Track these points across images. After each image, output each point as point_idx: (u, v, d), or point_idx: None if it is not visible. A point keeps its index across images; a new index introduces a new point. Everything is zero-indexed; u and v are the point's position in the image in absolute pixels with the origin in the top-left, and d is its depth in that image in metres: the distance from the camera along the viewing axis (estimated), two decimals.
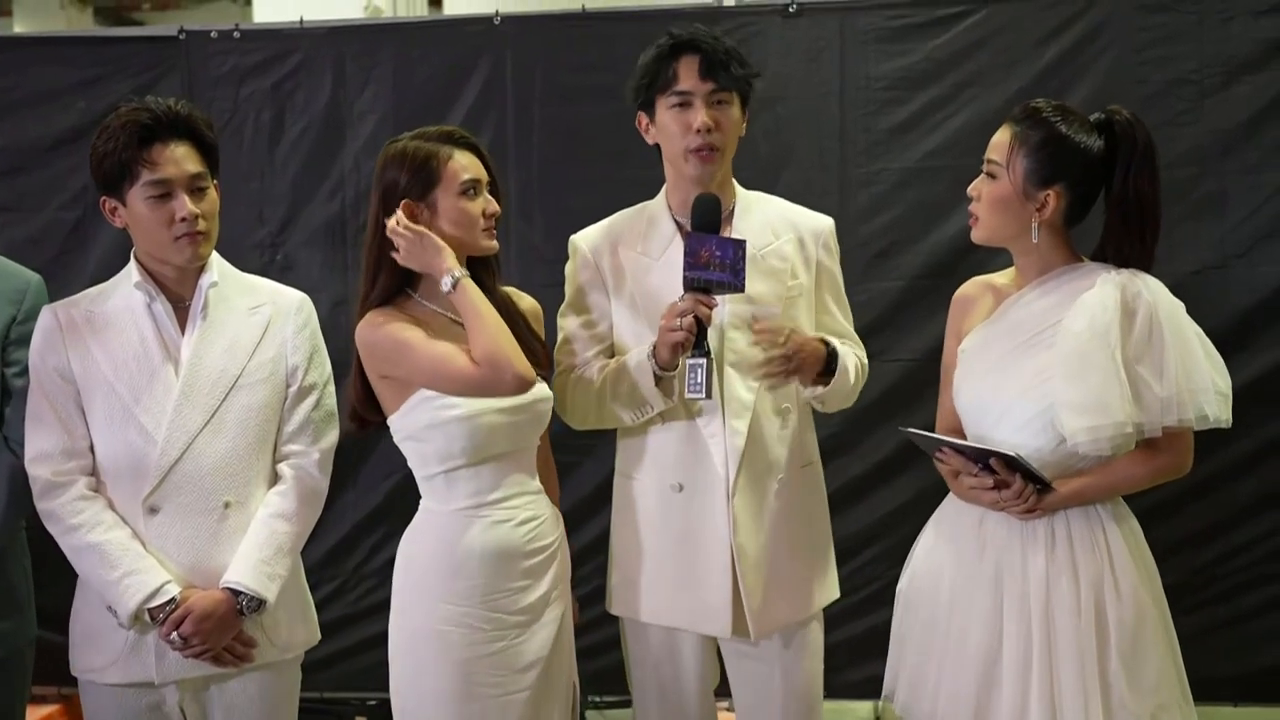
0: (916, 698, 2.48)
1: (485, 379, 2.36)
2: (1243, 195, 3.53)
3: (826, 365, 2.56)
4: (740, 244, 2.46)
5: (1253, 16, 3.49)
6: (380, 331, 2.42)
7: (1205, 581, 3.51)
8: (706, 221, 2.49)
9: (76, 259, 3.85)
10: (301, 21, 3.81)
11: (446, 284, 2.38)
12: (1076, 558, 2.35)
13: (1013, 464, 2.34)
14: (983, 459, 2.37)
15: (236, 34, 3.81)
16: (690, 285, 2.45)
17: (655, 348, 2.51)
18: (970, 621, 2.40)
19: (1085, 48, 3.56)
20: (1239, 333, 3.44)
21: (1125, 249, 2.38)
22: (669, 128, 2.56)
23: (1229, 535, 3.57)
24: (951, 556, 2.47)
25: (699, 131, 2.53)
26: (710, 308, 2.45)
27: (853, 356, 2.65)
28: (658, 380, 2.53)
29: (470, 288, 2.38)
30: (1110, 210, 2.40)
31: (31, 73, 3.85)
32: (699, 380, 2.42)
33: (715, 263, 2.43)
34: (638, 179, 2.83)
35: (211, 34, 3.82)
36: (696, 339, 2.44)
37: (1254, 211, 3.52)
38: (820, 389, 2.57)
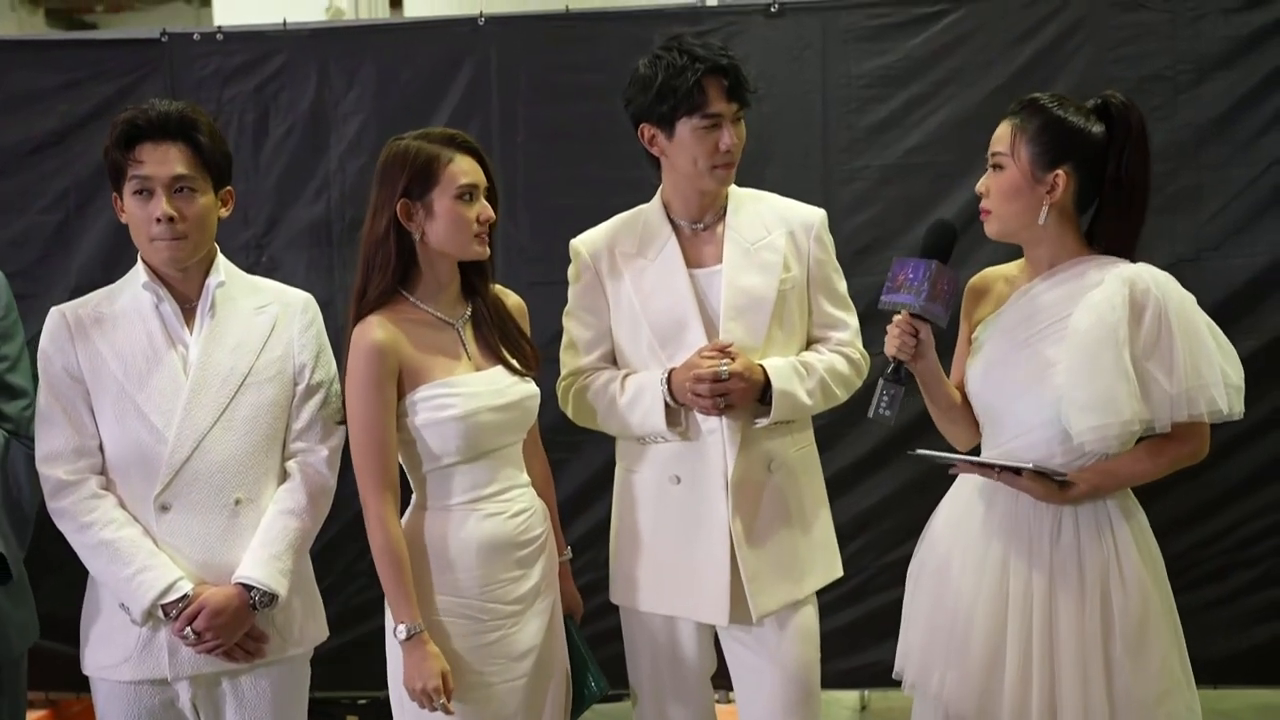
0: (924, 678, 2.51)
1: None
2: (1215, 189, 3.61)
3: (763, 395, 2.57)
4: (929, 264, 2.40)
5: (1223, 14, 3.57)
6: (355, 376, 2.44)
7: (1186, 566, 3.55)
8: (937, 248, 2.44)
9: (59, 262, 3.84)
10: (285, 23, 3.81)
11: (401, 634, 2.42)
12: (1082, 546, 2.38)
13: (1037, 472, 2.37)
14: (1006, 470, 2.40)
15: (219, 36, 3.81)
16: (885, 308, 2.45)
17: (670, 381, 2.56)
18: (976, 604, 2.44)
19: (1061, 45, 3.63)
20: None
21: (1112, 229, 2.42)
22: (693, 146, 2.56)
23: (1211, 520, 3.65)
24: (960, 540, 2.50)
25: (728, 151, 2.57)
26: (916, 335, 2.43)
27: (818, 373, 2.63)
28: (670, 414, 2.58)
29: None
30: (1104, 192, 2.42)
31: (12, 76, 3.84)
32: (886, 404, 2.42)
33: (907, 284, 2.41)
34: (622, 178, 2.85)
35: (194, 36, 3.81)
36: (896, 367, 2.44)
37: (1226, 205, 3.61)
38: (762, 420, 2.59)
